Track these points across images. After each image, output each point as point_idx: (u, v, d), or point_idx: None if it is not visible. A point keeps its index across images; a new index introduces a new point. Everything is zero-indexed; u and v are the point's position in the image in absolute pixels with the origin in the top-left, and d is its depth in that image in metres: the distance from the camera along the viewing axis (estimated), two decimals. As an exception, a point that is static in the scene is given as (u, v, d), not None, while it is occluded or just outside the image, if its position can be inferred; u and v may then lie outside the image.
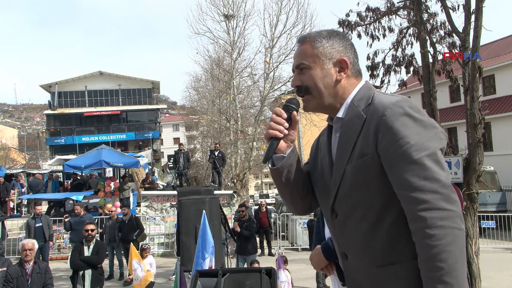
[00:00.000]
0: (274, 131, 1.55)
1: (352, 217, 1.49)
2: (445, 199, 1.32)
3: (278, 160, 1.60)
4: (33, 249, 5.89)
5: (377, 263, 1.45)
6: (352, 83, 1.58)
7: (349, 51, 1.60)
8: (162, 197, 14.70)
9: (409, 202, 1.35)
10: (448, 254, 1.27)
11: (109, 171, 20.77)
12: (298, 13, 19.86)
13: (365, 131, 1.45)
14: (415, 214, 1.33)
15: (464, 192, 6.43)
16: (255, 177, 54.24)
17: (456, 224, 1.30)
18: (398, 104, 1.41)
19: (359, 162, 1.45)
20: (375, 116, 1.43)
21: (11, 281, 5.57)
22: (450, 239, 1.28)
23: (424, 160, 1.34)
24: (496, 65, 22.54)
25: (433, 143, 1.38)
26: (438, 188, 1.32)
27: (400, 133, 1.36)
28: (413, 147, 1.35)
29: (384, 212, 1.43)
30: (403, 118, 1.38)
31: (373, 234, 1.45)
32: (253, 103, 22.99)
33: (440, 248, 1.27)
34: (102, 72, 39.47)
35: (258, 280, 3.02)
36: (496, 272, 9.66)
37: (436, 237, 1.28)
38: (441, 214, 1.30)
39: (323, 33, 1.62)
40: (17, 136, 64.98)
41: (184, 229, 5.51)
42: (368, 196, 1.45)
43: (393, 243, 1.42)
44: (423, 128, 1.38)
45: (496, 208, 16.45)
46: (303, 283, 8.96)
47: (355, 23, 8.20)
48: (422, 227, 1.31)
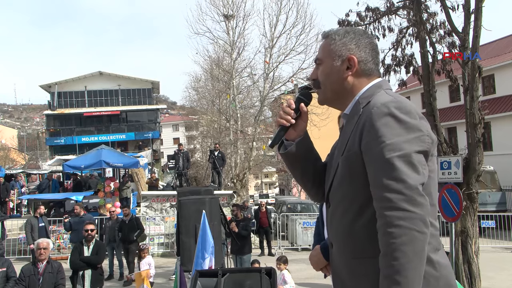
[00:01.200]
0: (281, 120, 1.66)
1: (339, 207, 1.56)
2: (408, 201, 1.33)
3: (285, 146, 1.72)
4: (48, 248, 5.90)
5: (354, 255, 1.51)
6: (361, 81, 1.61)
7: (363, 49, 1.62)
8: (162, 197, 14.70)
9: (376, 199, 1.40)
10: (400, 253, 1.29)
11: (109, 171, 20.76)
12: (298, 13, 19.90)
13: (356, 127, 1.51)
14: (379, 211, 1.37)
15: (464, 191, 6.44)
16: (255, 177, 54.22)
17: (416, 226, 1.31)
18: (386, 104, 1.45)
19: (346, 156, 1.52)
20: (365, 113, 1.49)
21: (23, 279, 5.58)
22: (405, 239, 1.30)
23: (394, 160, 1.36)
24: (496, 65, 22.54)
25: (410, 145, 1.38)
26: (402, 188, 1.34)
27: (379, 132, 1.40)
28: (387, 147, 1.38)
29: (365, 207, 1.47)
30: (386, 118, 1.41)
31: (353, 227, 1.50)
32: (253, 103, 23.00)
33: (395, 246, 1.30)
34: (102, 72, 39.44)
35: (258, 280, 3.02)
36: (496, 272, 9.66)
37: (392, 235, 1.31)
38: (400, 214, 1.32)
39: (341, 30, 1.67)
40: (16, 136, 64.96)
41: (184, 229, 5.51)
42: (353, 189, 1.50)
43: (370, 238, 1.44)
44: (404, 130, 1.40)
45: (496, 208, 16.46)
46: (303, 283, 8.95)
47: (354, 23, 8.20)
48: (382, 224, 1.35)
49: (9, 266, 6.11)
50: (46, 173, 21.04)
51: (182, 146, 17.97)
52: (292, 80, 19.92)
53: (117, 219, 10.89)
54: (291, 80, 19.99)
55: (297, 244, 14.33)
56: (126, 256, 10.31)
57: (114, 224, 10.68)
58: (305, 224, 14.26)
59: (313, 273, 9.13)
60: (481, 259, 6.84)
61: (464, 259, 6.51)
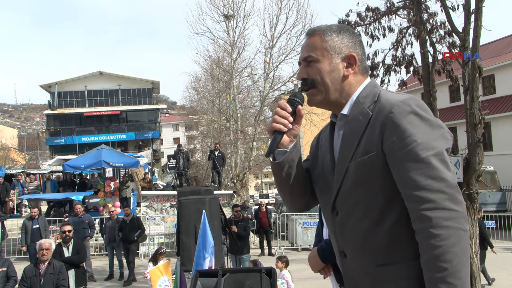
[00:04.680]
0: (278, 124, 1.51)
1: (353, 214, 1.47)
2: (451, 199, 1.30)
3: (280, 155, 1.57)
4: (50, 249, 5.91)
5: (377, 262, 1.42)
6: (358, 80, 1.56)
7: (358, 47, 1.57)
8: (162, 197, 14.70)
9: (413, 201, 1.33)
10: (452, 255, 1.25)
11: (109, 171, 20.76)
12: (298, 13, 19.92)
13: (370, 128, 1.42)
14: (420, 213, 1.31)
15: (464, 192, 6.43)
16: (255, 177, 54.24)
17: (461, 225, 1.28)
18: (406, 102, 1.39)
19: (364, 159, 1.42)
20: (382, 113, 1.40)
21: (25, 281, 5.59)
22: (454, 239, 1.26)
23: (431, 159, 1.32)
24: (496, 65, 22.54)
25: (439, 142, 1.36)
26: (444, 187, 1.30)
27: (408, 131, 1.34)
28: (420, 146, 1.33)
29: (386, 211, 1.41)
30: (410, 116, 1.36)
31: (374, 233, 1.42)
32: (253, 103, 23.00)
33: (445, 248, 1.26)
34: (102, 72, 39.43)
35: (258, 280, 3.02)
36: (496, 272, 9.66)
37: (441, 237, 1.26)
38: (446, 214, 1.28)
39: (333, 27, 1.59)
40: (17, 136, 64.97)
41: (184, 229, 5.52)
42: (371, 193, 1.42)
43: (394, 243, 1.39)
44: (430, 127, 1.37)
45: (496, 208, 16.46)
46: (303, 283, 8.94)
47: (355, 23, 8.20)
48: (427, 227, 1.29)
49: (9, 266, 6.12)
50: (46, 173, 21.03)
51: (182, 146, 17.97)
52: (292, 80, 19.91)
53: (117, 219, 10.89)
54: (291, 80, 19.99)
55: (297, 244, 14.33)
56: (126, 256, 10.31)
57: (114, 224, 10.68)
58: (305, 224, 14.26)
59: (313, 273, 9.12)
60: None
61: (464, 259, 6.51)
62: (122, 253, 10.52)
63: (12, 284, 5.96)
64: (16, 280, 5.97)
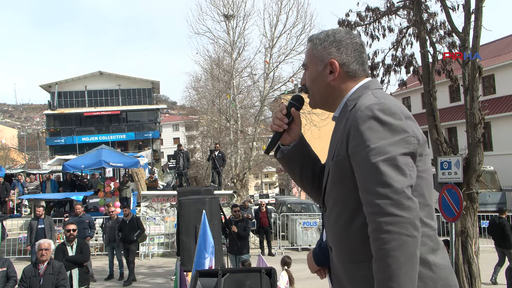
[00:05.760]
0: (275, 125, 1.69)
1: (333, 212, 1.56)
2: (395, 205, 1.31)
3: (281, 152, 1.76)
4: (49, 249, 5.90)
5: (350, 260, 1.50)
6: (348, 84, 1.59)
7: (344, 52, 1.59)
8: (162, 197, 14.71)
9: (365, 204, 1.38)
10: (391, 259, 1.28)
11: (109, 171, 20.75)
12: (298, 13, 19.90)
13: (343, 130, 1.50)
14: (368, 217, 1.36)
15: (464, 192, 6.43)
16: (255, 177, 54.22)
17: (405, 230, 1.29)
18: (370, 107, 1.42)
19: (336, 161, 1.51)
20: (351, 117, 1.47)
21: (25, 281, 5.58)
22: (395, 244, 1.28)
23: (379, 164, 1.34)
24: (496, 65, 22.54)
25: (395, 148, 1.36)
26: (389, 193, 1.32)
27: (364, 136, 1.39)
28: (372, 151, 1.36)
29: (356, 212, 1.45)
30: (370, 122, 1.39)
31: (347, 231, 1.49)
32: (253, 103, 23.01)
33: (385, 252, 1.29)
34: (102, 72, 39.43)
35: (258, 280, 3.02)
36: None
37: (382, 241, 1.30)
38: (388, 219, 1.30)
39: (322, 34, 1.65)
40: (17, 136, 64.96)
41: (184, 229, 5.51)
42: (344, 194, 1.49)
43: (363, 243, 1.42)
44: (389, 133, 1.38)
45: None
46: (303, 283, 8.94)
47: (355, 23, 8.20)
48: (372, 230, 1.33)
49: (9, 266, 6.12)
50: (46, 173, 21.02)
51: (182, 146, 17.98)
52: (292, 80, 19.93)
53: (117, 219, 10.89)
54: (291, 80, 20.00)
55: (297, 244, 14.33)
56: (126, 256, 10.31)
57: (114, 224, 10.68)
58: (305, 224, 14.26)
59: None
60: (481, 259, 6.84)
61: (464, 259, 6.51)
62: (122, 253, 10.52)
63: (12, 284, 5.95)
64: (16, 280, 5.96)
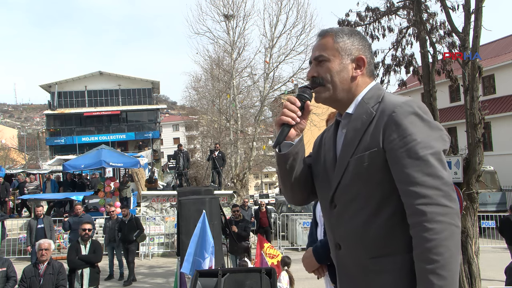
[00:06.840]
0: (287, 117, 1.61)
1: (351, 206, 1.54)
2: (446, 196, 1.37)
3: (285, 147, 1.67)
4: (49, 249, 5.91)
5: (372, 254, 1.49)
6: (365, 82, 1.64)
7: (367, 51, 1.66)
8: (162, 197, 14.70)
9: (410, 196, 1.40)
10: (444, 248, 1.32)
11: (109, 171, 20.77)
12: (298, 13, 19.91)
13: (373, 127, 1.51)
14: (415, 207, 1.38)
15: (464, 192, 6.43)
16: (255, 177, 54.24)
17: (454, 221, 1.36)
18: (408, 103, 1.48)
19: (364, 155, 1.50)
20: (385, 113, 1.49)
21: (25, 281, 5.59)
22: (447, 234, 1.33)
23: (429, 157, 1.40)
24: (496, 65, 22.54)
25: (437, 143, 1.44)
26: (440, 185, 1.38)
27: (408, 130, 1.42)
28: (419, 144, 1.41)
29: (383, 204, 1.48)
30: (411, 117, 1.44)
31: (370, 224, 1.49)
32: (253, 103, 23.01)
33: (438, 242, 1.32)
34: (102, 72, 39.45)
35: (258, 280, 3.02)
36: (496, 272, 9.65)
37: (434, 231, 1.33)
38: (440, 210, 1.35)
39: (345, 30, 1.68)
40: (17, 136, 64.97)
41: (184, 229, 5.52)
42: (369, 187, 1.50)
43: (389, 235, 1.46)
44: (429, 128, 1.45)
45: (496, 208, 16.45)
46: (303, 283, 8.95)
47: (354, 23, 8.19)
48: (422, 221, 1.36)
49: (9, 266, 6.11)
50: (46, 173, 21.02)
51: (182, 146, 17.98)
52: (292, 80, 19.92)
53: (117, 219, 10.89)
54: (291, 80, 19.99)
55: (297, 244, 14.33)
56: (126, 256, 10.31)
57: (114, 224, 10.68)
58: (305, 224, 14.25)
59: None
60: (481, 259, 6.83)
61: (464, 259, 6.50)
62: (122, 253, 10.53)
63: (12, 284, 5.95)
64: (16, 280, 5.96)
